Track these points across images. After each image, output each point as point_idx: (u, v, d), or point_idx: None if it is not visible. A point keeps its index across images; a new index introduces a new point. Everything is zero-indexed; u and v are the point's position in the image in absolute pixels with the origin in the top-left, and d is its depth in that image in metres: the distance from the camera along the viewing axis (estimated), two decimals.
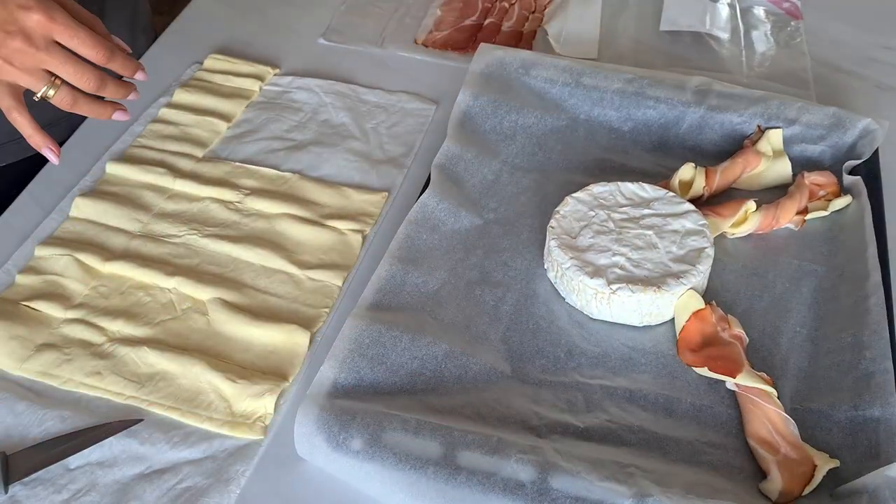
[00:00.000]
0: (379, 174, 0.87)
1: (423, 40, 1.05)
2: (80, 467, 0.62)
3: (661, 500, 0.56)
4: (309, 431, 0.61)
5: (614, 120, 0.90)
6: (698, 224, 0.75)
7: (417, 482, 0.58)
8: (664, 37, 1.06)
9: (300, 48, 1.04)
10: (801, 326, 0.72)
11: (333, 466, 0.61)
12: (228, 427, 0.65)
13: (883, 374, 0.64)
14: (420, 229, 0.78)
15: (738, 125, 0.88)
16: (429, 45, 1.04)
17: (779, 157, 0.85)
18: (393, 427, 0.60)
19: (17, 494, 0.61)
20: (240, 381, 0.67)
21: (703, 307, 0.71)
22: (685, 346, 0.70)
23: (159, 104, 0.94)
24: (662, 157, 0.88)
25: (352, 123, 0.93)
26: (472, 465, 0.59)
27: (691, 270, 0.71)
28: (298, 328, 0.71)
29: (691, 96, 0.89)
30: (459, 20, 1.08)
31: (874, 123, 0.85)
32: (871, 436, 0.62)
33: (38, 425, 0.65)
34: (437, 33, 1.06)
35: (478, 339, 0.71)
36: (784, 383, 0.68)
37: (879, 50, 1.06)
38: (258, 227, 0.81)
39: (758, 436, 0.63)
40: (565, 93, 0.91)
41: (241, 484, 0.62)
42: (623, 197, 0.78)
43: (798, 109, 0.87)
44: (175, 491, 0.61)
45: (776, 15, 1.09)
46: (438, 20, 1.08)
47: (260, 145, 0.90)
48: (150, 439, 0.64)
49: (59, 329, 0.71)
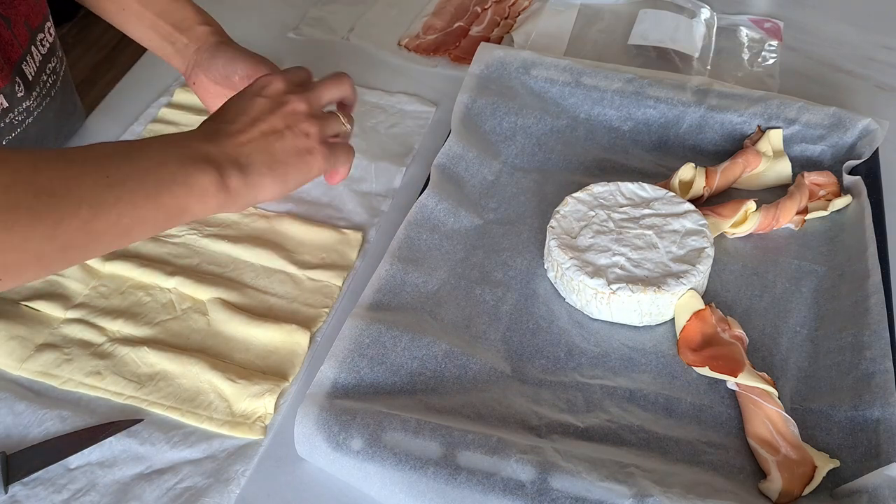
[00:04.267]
0: (378, 173, 0.87)
1: (405, 44, 1.05)
2: (80, 467, 0.62)
3: (661, 500, 0.56)
4: (309, 431, 0.61)
5: (614, 120, 0.90)
6: (698, 224, 0.75)
7: (417, 482, 0.58)
8: (630, 50, 1.05)
9: (300, 48, 1.04)
10: (802, 326, 0.72)
11: (333, 466, 0.61)
12: (228, 427, 0.65)
13: (883, 374, 0.64)
14: (420, 229, 0.78)
15: (738, 125, 0.88)
16: (411, 49, 1.04)
17: (779, 156, 0.85)
18: (393, 427, 0.60)
19: (17, 494, 0.61)
20: (240, 381, 0.67)
21: (703, 307, 0.71)
22: (686, 345, 0.70)
23: (159, 104, 0.94)
24: (662, 157, 0.88)
25: None
26: (472, 465, 0.59)
27: (691, 270, 0.71)
28: (298, 328, 0.71)
29: (691, 96, 0.89)
30: (447, 26, 1.08)
31: (874, 123, 0.85)
32: (871, 436, 0.62)
33: (38, 425, 0.65)
34: (423, 37, 1.06)
35: (478, 338, 0.71)
36: (784, 383, 0.68)
37: (879, 50, 1.06)
38: (258, 227, 0.81)
39: (758, 436, 0.63)
40: (565, 93, 0.91)
41: (240, 484, 0.62)
42: (623, 197, 0.78)
43: (798, 109, 0.87)
44: (175, 491, 0.61)
45: (756, 35, 1.08)
46: (426, 25, 1.08)
47: None
48: (150, 439, 0.64)
49: (59, 329, 0.71)
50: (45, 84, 0.82)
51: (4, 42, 0.76)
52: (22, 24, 0.78)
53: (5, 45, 0.76)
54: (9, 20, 0.77)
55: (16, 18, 0.77)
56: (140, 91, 0.96)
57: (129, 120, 0.92)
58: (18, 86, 0.78)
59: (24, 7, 0.78)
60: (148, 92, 0.96)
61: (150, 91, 0.95)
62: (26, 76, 0.79)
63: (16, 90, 0.77)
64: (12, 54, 0.77)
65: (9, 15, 0.77)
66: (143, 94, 0.96)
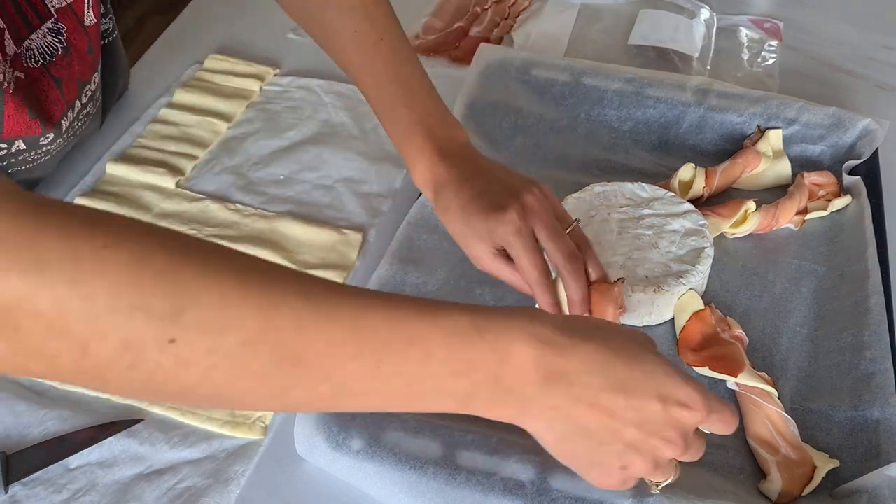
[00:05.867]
0: (378, 174, 0.87)
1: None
2: (80, 467, 0.62)
3: (661, 500, 0.56)
4: (309, 432, 0.61)
5: (614, 120, 0.90)
6: (698, 224, 0.75)
7: (417, 482, 0.58)
8: (630, 50, 1.05)
9: (300, 48, 1.04)
10: (801, 326, 0.72)
11: (333, 467, 0.61)
12: (228, 427, 0.65)
13: (883, 374, 0.64)
14: (420, 229, 0.78)
15: (738, 125, 0.88)
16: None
17: (778, 157, 0.85)
18: (393, 427, 0.60)
19: (17, 494, 0.61)
20: None
21: (703, 307, 0.71)
22: (686, 345, 0.70)
23: (159, 104, 0.94)
24: (662, 157, 0.88)
25: (352, 123, 0.93)
26: (472, 465, 0.59)
27: (691, 270, 0.71)
28: None
29: (691, 96, 0.89)
30: (447, 26, 1.08)
31: (874, 123, 0.85)
32: (871, 436, 0.62)
33: (38, 425, 0.65)
34: (422, 38, 1.06)
35: None
36: (784, 383, 0.68)
37: (879, 50, 1.06)
38: (258, 227, 0.81)
39: (758, 436, 0.63)
40: (565, 93, 0.91)
41: (240, 484, 0.62)
42: (623, 197, 0.78)
43: (798, 109, 0.87)
44: (175, 491, 0.61)
45: (756, 35, 1.07)
46: (426, 26, 1.08)
47: (259, 145, 0.90)
48: (150, 439, 0.64)
49: None
50: (75, 129, 0.80)
51: (51, 102, 0.74)
52: (74, 82, 0.76)
53: (51, 104, 0.74)
54: (59, 81, 0.74)
55: (68, 78, 0.75)
56: (140, 91, 0.96)
57: (130, 120, 0.92)
58: (47, 136, 0.75)
59: (80, 66, 0.76)
60: (148, 92, 0.96)
61: (151, 91, 0.95)
62: (61, 127, 0.76)
63: (40, 139, 0.74)
64: (55, 113, 0.75)
65: (61, 76, 0.74)
66: (144, 94, 0.96)
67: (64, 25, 0.73)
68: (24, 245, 0.37)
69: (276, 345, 0.42)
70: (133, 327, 0.39)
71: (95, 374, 0.40)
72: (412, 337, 0.45)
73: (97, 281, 0.38)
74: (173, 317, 0.39)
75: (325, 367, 0.43)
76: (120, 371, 0.40)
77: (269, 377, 0.42)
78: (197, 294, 0.40)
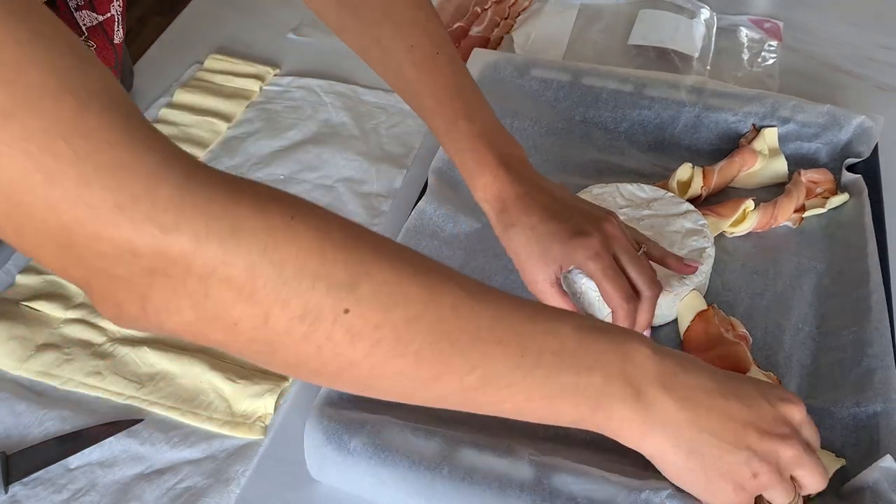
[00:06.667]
0: (378, 174, 0.87)
1: None
2: (80, 467, 0.62)
3: (661, 499, 0.56)
4: (318, 443, 0.60)
5: (609, 121, 0.90)
6: (698, 224, 0.75)
7: (417, 482, 0.58)
8: (630, 50, 1.05)
9: (300, 48, 1.04)
10: (803, 324, 0.72)
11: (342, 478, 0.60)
12: (228, 427, 0.65)
13: (884, 370, 0.64)
14: (419, 236, 0.78)
15: (734, 124, 0.88)
16: None
17: (774, 155, 0.85)
18: (399, 430, 0.60)
19: (17, 494, 0.61)
20: (240, 381, 0.67)
21: (706, 308, 0.71)
22: (690, 346, 0.70)
23: (159, 104, 0.94)
24: (659, 157, 0.88)
25: (352, 123, 0.93)
26: (473, 465, 0.58)
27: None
28: None
29: (686, 95, 0.89)
30: (447, 26, 1.08)
31: (869, 120, 0.85)
32: (873, 433, 0.62)
33: (38, 425, 0.65)
34: None
35: None
36: (788, 381, 0.68)
37: (879, 50, 1.06)
38: None
39: None
40: (560, 95, 0.91)
41: (240, 484, 0.62)
42: (622, 198, 0.78)
43: (792, 108, 0.87)
44: (175, 491, 0.61)
45: (756, 35, 1.07)
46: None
47: (260, 145, 0.90)
48: (150, 439, 0.64)
49: (60, 329, 0.71)
50: None
51: None
52: None
53: None
54: None
55: None
56: (140, 91, 0.96)
57: None
58: None
59: None
60: (148, 92, 0.96)
61: (151, 91, 0.95)
62: None
63: None
64: None
65: None
66: (144, 95, 0.96)
67: (94, 44, 0.73)
68: (220, 214, 0.39)
69: (435, 323, 0.44)
70: (313, 296, 0.41)
71: (267, 342, 0.42)
72: (547, 328, 0.48)
73: (288, 247, 0.40)
74: (350, 288, 0.41)
75: (475, 352, 0.45)
76: (292, 341, 0.42)
77: (424, 359, 0.44)
78: (372, 268, 0.42)
